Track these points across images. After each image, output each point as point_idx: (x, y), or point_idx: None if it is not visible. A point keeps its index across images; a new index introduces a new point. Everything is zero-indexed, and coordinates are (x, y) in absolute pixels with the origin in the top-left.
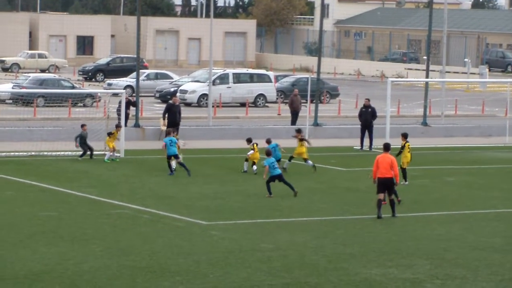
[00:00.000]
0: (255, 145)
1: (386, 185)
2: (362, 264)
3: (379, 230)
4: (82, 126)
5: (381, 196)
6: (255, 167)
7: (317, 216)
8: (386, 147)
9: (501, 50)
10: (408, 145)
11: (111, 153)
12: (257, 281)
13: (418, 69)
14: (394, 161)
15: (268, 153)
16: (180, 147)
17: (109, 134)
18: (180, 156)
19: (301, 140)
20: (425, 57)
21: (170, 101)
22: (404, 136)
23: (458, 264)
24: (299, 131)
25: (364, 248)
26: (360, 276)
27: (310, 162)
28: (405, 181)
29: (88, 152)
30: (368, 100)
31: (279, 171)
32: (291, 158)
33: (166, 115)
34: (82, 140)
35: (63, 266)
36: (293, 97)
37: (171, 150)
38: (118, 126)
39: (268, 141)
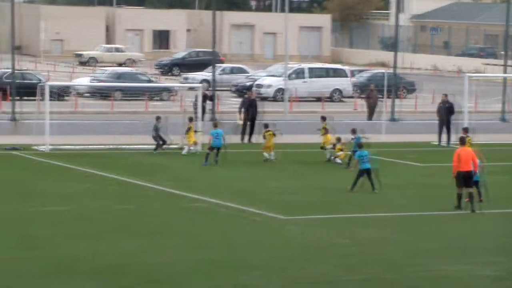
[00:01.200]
0: (270, 132)
1: (465, 179)
2: (440, 260)
3: (459, 226)
4: (157, 118)
5: (461, 190)
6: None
7: (395, 212)
8: (463, 141)
9: None
10: (470, 139)
11: (190, 147)
12: (334, 276)
13: (496, 65)
14: (474, 154)
15: (360, 146)
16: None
17: (187, 131)
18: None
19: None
20: (502, 52)
21: (246, 96)
22: (465, 130)
23: None
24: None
25: (443, 244)
26: (438, 272)
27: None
28: None
29: (161, 144)
30: (446, 95)
31: (368, 165)
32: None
33: (242, 110)
34: (156, 132)
35: (141, 260)
36: (369, 92)
37: (216, 142)
38: (190, 120)
39: (354, 131)
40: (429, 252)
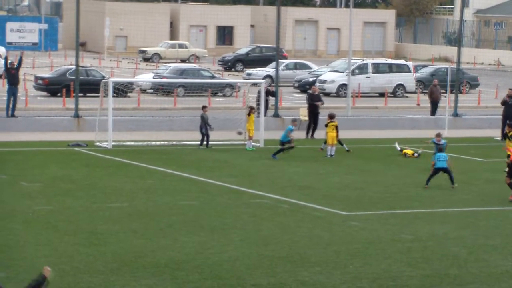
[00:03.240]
0: (335, 123)
1: None
2: (503, 256)
3: None
4: (203, 108)
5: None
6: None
7: (457, 207)
8: None
9: None
10: None
11: (251, 143)
12: (396, 272)
13: None
14: None
15: (441, 150)
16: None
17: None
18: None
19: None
20: None
21: (310, 91)
22: (509, 125)
23: None
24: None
25: (505, 240)
26: (501, 268)
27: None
28: None
29: (204, 138)
30: (511, 90)
31: (444, 164)
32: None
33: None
34: (202, 123)
35: (203, 255)
36: (432, 87)
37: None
38: (251, 108)
39: (438, 135)
40: (492, 247)
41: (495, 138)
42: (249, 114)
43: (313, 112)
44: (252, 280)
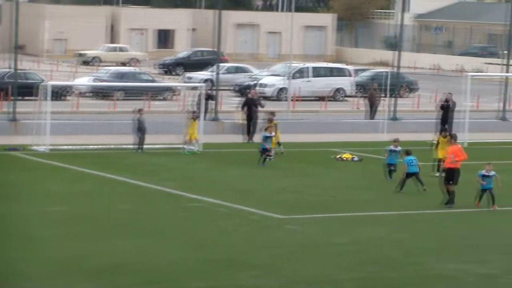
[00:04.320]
0: (275, 123)
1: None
2: (437, 258)
3: (456, 224)
4: (139, 110)
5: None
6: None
7: (393, 211)
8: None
9: None
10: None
11: (190, 144)
12: (332, 275)
13: (498, 64)
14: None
15: (408, 153)
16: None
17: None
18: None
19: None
20: (505, 52)
21: (249, 95)
22: (445, 131)
23: None
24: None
25: (440, 242)
26: (435, 271)
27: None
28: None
29: (140, 140)
30: (450, 94)
31: (415, 169)
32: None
33: (245, 109)
34: (138, 125)
35: (141, 259)
36: (371, 91)
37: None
38: (194, 113)
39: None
40: (427, 250)
41: (433, 141)
42: (194, 119)
43: (252, 116)
44: (190, 284)
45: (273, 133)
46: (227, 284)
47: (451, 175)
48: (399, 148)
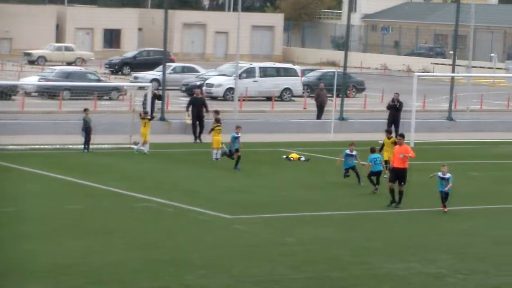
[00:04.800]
0: (220, 127)
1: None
2: (385, 258)
3: (404, 224)
4: (85, 110)
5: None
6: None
7: (341, 210)
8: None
9: None
10: (392, 140)
11: (141, 145)
12: (279, 275)
13: (444, 64)
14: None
15: (373, 150)
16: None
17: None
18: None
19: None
20: (451, 52)
21: (194, 95)
22: (388, 131)
23: (482, 259)
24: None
25: (388, 242)
26: (383, 270)
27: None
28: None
29: (87, 139)
30: (398, 94)
31: (380, 167)
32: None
33: (190, 108)
34: (84, 125)
35: (87, 260)
36: (319, 91)
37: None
38: (146, 113)
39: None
40: (374, 250)
41: (379, 141)
42: (149, 119)
43: (199, 115)
44: (136, 284)
45: (239, 134)
46: (174, 284)
47: (401, 176)
48: (355, 153)
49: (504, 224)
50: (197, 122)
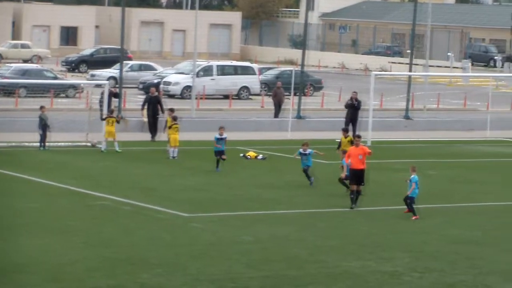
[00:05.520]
0: (177, 125)
1: (358, 176)
2: (342, 256)
3: (360, 223)
4: (41, 108)
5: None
6: (170, 151)
7: (299, 209)
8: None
9: (484, 44)
10: (349, 139)
11: (105, 143)
12: (236, 273)
13: (402, 63)
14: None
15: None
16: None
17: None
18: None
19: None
20: (408, 51)
21: (149, 93)
22: (344, 130)
23: (437, 257)
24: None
25: (344, 241)
26: (339, 268)
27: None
28: None
29: (43, 137)
30: (356, 93)
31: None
32: None
33: (145, 107)
34: (40, 123)
35: (43, 258)
36: (276, 89)
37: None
38: (111, 112)
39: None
40: (330, 248)
41: (336, 140)
42: (118, 120)
43: (154, 114)
44: (92, 282)
45: (225, 135)
46: (130, 283)
47: (360, 177)
48: (308, 151)
49: (460, 223)
50: (152, 121)
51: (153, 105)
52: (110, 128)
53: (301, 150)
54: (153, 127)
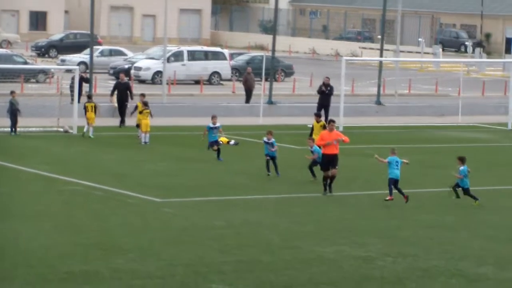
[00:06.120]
0: (148, 111)
1: (331, 161)
2: (315, 242)
3: (333, 208)
4: (12, 93)
5: (326, 173)
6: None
7: (271, 194)
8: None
9: (455, 30)
10: (321, 124)
11: (88, 128)
12: (209, 258)
13: (373, 48)
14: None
15: (270, 132)
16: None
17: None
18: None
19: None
20: (379, 37)
21: (117, 79)
22: (317, 115)
23: (410, 242)
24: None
25: (318, 226)
26: (313, 254)
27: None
28: None
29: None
30: (328, 78)
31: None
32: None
33: (115, 93)
34: (11, 108)
35: (14, 243)
36: (246, 75)
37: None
38: (89, 97)
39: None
40: (304, 234)
41: (308, 125)
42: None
43: (122, 100)
44: (64, 268)
45: (218, 124)
46: (102, 268)
47: (334, 161)
48: (272, 140)
49: (432, 208)
50: (121, 107)
51: (122, 91)
52: (91, 114)
53: (265, 139)
54: (121, 113)
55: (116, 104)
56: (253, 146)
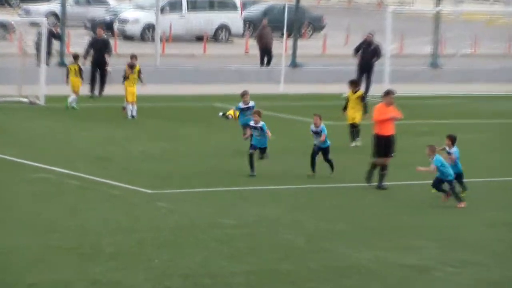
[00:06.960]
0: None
1: (386, 145)
2: (349, 245)
3: (372, 202)
4: None
5: (379, 160)
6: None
7: (293, 184)
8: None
9: None
10: (359, 95)
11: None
12: (215, 267)
13: None
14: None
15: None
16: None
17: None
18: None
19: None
20: None
21: (94, 35)
22: (353, 83)
23: (475, 246)
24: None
25: (352, 224)
26: (346, 261)
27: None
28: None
29: None
30: (372, 35)
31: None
32: None
33: (91, 52)
34: None
35: None
36: (262, 29)
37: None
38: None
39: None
40: (335, 234)
41: (343, 95)
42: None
43: (99, 62)
44: (31, 277)
45: (252, 103)
46: (77, 279)
47: (391, 145)
48: (261, 124)
49: (501, 202)
50: (98, 71)
51: (99, 50)
52: (76, 80)
53: (251, 122)
54: (95, 79)
55: (109, 68)
56: (271, 121)
